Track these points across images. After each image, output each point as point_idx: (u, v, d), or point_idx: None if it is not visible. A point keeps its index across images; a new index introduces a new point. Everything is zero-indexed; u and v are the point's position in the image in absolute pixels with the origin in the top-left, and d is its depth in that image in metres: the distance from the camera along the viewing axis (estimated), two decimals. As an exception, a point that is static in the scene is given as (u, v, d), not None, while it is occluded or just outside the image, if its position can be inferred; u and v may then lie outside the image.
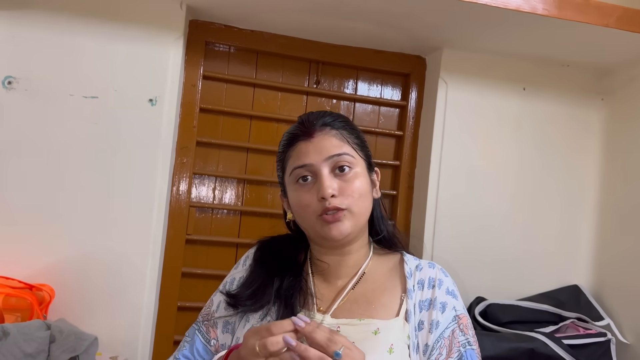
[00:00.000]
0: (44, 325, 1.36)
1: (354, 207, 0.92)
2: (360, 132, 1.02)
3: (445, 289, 0.95)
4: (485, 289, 1.84)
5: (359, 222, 0.94)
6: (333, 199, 0.90)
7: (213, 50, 1.87)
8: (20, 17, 1.58)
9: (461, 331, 0.92)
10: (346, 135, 0.95)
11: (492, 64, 1.90)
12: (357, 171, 0.94)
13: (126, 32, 1.64)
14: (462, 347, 0.90)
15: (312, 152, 0.93)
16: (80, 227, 1.59)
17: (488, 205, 1.89)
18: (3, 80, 1.57)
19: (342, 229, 0.91)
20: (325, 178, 0.91)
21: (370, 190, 0.97)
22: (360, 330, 0.90)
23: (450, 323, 0.92)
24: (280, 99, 1.94)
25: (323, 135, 0.94)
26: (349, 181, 0.92)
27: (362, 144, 0.99)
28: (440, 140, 1.88)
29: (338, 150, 0.93)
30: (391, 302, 0.95)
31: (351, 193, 0.92)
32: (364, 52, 1.95)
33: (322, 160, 0.92)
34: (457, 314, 0.93)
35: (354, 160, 0.94)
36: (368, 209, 0.96)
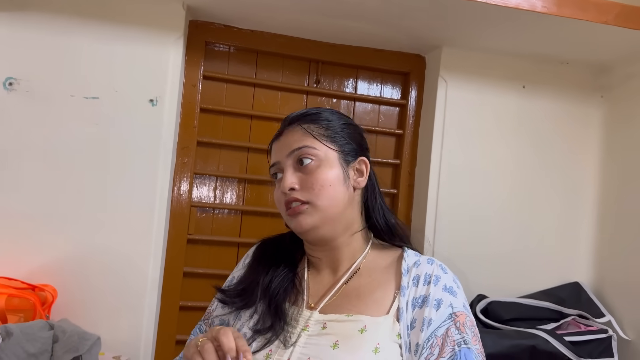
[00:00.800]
0: (47, 326, 1.36)
1: (316, 200, 0.91)
2: (342, 122, 0.99)
3: (442, 286, 0.90)
4: (486, 287, 1.84)
5: (327, 215, 0.92)
6: (293, 192, 0.92)
7: (213, 50, 1.88)
8: (21, 18, 1.59)
9: (457, 329, 0.85)
10: (313, 128, 0.95)
11: (491, 62, 1.90)
12: (321, 163, 0.93)
13: (126, 33, 1.64)
14: (456, 346, 0.84)
15: (278, 150, 0.97)
16: (82, 227, 1.60)
17: (488, 203, 1.90)
18: (4, 81, 1.58)
19: (303, 222, 0.92)
20: (286, 173, 0.93)
21: (341, 180, 0.94)
22: (346, 327, 0.88)
23: (445, 321, 0.86)
24: (280, 99, 1.95)
25: (288, 132, 0.96)
26: (309, 173, 0.92)
27: (334, 134, 0.96)
28: (440, 138, 1.88)
29: (298, 144, 0.94)
30: (383, 298, 0.91)
31: (311, 185, 0.91)
32: (363, 51, 1.96)
33: (285, 156, 0.95)
34: (453, 311, 0.87)
35: (317, 151, 0.93)
36: (337, 199, 0.93)
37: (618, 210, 1.89)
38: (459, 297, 0.90)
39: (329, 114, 0.99)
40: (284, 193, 0.93)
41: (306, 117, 0.97)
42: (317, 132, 0.95)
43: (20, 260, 1.56)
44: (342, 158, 0.95)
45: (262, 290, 0.97)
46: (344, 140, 0.97)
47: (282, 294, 0.97)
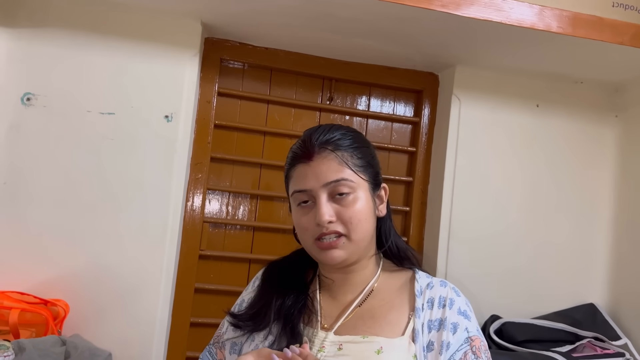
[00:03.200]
0: (59, 341, 1.36)
1: (352, 234, 0.90)
2: (368, 148, 0.98)
3: (457, 309, 0.91)
4: (500, 307, 1.82)
5: (358, 248, 0.92)
6: (330, 225, 0.90)
7: (228, 67, 1.89)
8: (39, 34, 1.61)
9: (474, 354, 0.87)
10: (347, 157, 0.92)
11: (505, 80, 1.90)
12: (358, 195, 0.91)
13: (143, 50, 1.66)
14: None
15: (310, 177, 0.91)
16: (95, 242, 1.60)
17: (502, 222, 1.88)
18: (22, 96, 1.60)
19: (336, 256, 0.91)
20: (323, 205, 0.90)
21: (372, 212, 0.94)
22: (363, 348, 0.88)
23: (462, 345, 0.88)
24: (293, 115, 1.95)
25: (322, 158, 0.91)
26: (347, 207, 0.90)
27: (366, 164, 0.95)
28: (453, 156, 1.87)
29: (336, 176, 0.90)
30: (398, 320, 0.91)
31: (349, 219, 0.90)
32: (376, 68, 1.97)
33: (320, 187, 0.90)
34: (469, 335, 0.89)
35: (354, 184, 0.91)
36: (369, 231, 0.94)
37: (633, 230, 1.86)
38: (473, 321, 0.92)
39: (355, 138, 0.96)
40: (319, 225, 0.90)
41: (336, 143, 0.93)
42: (352, 163, 0.92)
43: (33, 274, 1.56)
44: (370, 188, 0.95)
45: (275, 312, 0.96)
46: (372, 169, 0.96)
47: (297, 314, 0.96)
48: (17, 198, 1.57)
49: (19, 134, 1.59)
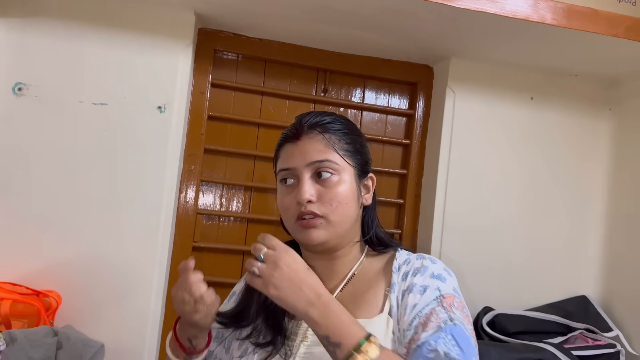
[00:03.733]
0: (51, 332, 1.36)
1: (331, 216, 0.91)
2: (358, 136, 0.99)
3: (430, 274, 0.89)
4: (493, 299, 1.83)
5: (338, 230, 0.92)
6: (310, 204, 0.90)
7: (221, 58, 1.88)
8: (32, 24, 1.60)
9: (444, 308, 0.83)
10: (335, 140, 0.93)
11: (500, 73, 1.90)
12: (341, 178, 0.92)
13: (136, 40, 1.65)
14: (442, 323, 0.81)
15: (296, 156, 0.93)
16: (87, 233, 1.59)
17: (496, 214, 1.89)
18: (13, 86, 1.58)
19: (315, 235, 0.91)
20: (305, 183, 0.91)
21: (355, 197, 0.94)
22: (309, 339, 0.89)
23: (431, 302, 0.84)
24: (287, 107, 1.95)
25: (309, 138, 0.93)
26: (329, 188, 0.91)
27: (354, 150, 0.96)
28: (447, 149, 1.87)
29: (321, 157, 0.91)
30: (375, 298, 0.91)
31: (329, 200, 0.90)
32: (371, 60, 1.96)
33: (304, 165, 0.92)
34: (441, 293, 0.86)
35: (339, 167, 0.92)
36: (350, 216, 0.93)
37: (627, 223, 1.87)
38: (449, 282, 0.89)
39: (346, 124, 0.97)
40: (300, 204, 0.91)
41: (325, 126, 0.94)
42: (338, 146, 0.93)
43: (25, 265, 1.56)
44: (357, 175, 0.95)
45: (257, 307, 0.97)
46: (359, 155, 0.97)
47: (280, 308, 0.92)
48: (9, 189, 1.56)
49: (10, 124, 1.58)
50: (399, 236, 1.98)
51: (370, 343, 0.75)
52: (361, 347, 0.74)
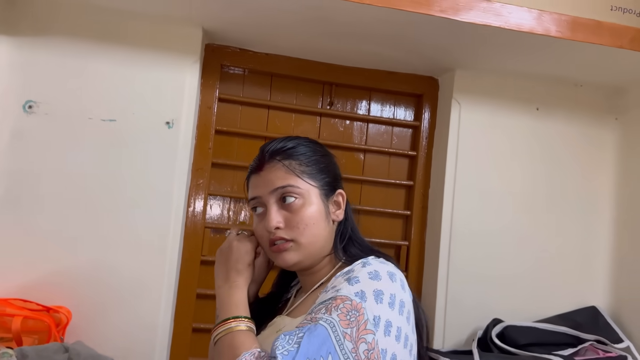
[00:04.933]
0: (62, 348, 1.36)
1: (300, 238, 0.94)
2: (322, 156, 1.00)
3: (347, 277, 0.86)
4: (501, 311, 1.82)
5: (310, 250, 0.95)
6: (278, 231, 0.94)
7: (228, 73, 1.90)
8: (41, 42, 1.62)
9: (326, 310, 0.80)
10: (294, 165, 0.96)
11: (505, 84, 1.91)
12: (306, 201, 0.94)
13: (144, 57, 1.67)
14: (311, 322, 0.79)
15: (259, 185, 0.97)
16: (96, 249, 1.60)
17: (503, 225, 1.89)
18: (24, 104, 1.61)
19: (287, 258, 0.94)
20: (271, 211, 0.94)
21: (324, 216, 0.96)
22: (271, 330, 0.95)
23: (324, 302, 0.83)
24: (294, 120, 1.96)
25: (270, 167, 0.96)
26: (295, 212, 0.94)
27: (316, 171, 0.97)
28: (454, 160, 1.88)
29: (282, 183, 0.94)
30: (311, 301, 0.93)
31: (296, 224, 0.93)
32: (376, 73, 1.97)
33: (268, 193, 0.95)
34: (336, 294, 0.82)
35: (302, 190, 0.95)
36: (319, 235, 0.95)
37: (635, 231, 1.87)
38: (357, 286, 0.82)
39: (307, 147, 0.99)
40: (268, 231, 0.94)
41: (285, 152, 0.97)
42: (298, 170, 0.96)
43: (35, 281, 1.57)
44: (322, 194, 0.97)
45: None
46: (323, 175, 0.98)
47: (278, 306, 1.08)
48: (19, 205, 1.58)
49: (21, 141, 1.60)
50: (406, 248, 1.98)
51: (238, 321, 0.89)
52: (228, 320, 0.89)
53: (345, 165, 1.98)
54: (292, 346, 0.75)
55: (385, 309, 0.80)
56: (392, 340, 0.79)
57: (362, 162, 2.00)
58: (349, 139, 1.99)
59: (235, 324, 0.88)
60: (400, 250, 1.98)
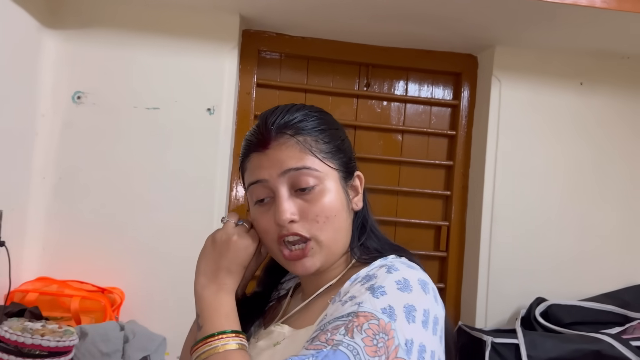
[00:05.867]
0: (117, 327, 1.44)
1: (320, 235, 0.74)
2: (336, 129, 0.81)
3: (369, 285, 0.68)
4: (545, 290, 1.80)
5: (331, 251, 0.76)
6: (292, 225, 0.74)
7: (265, 58, 1.92)
8: (86, 35, 1.68)
9: (346, 329, 0.62)
10: (310, 142, 0.76)
11: (547, 59, 1.86)
12: (325, 187, 0.75)
13: (184, 45, 1.71)
14: (327, 345, 0.61)
15: (266, 166, 0.75)
16: (145, 233, 1.67)
17: (547, 203, 1.86)
18: (73, 95, 1.67)
19: (308, 266, 0.75)
20: (283, 200, 0.74)
21: (345, 206, 0.78)
22: (267, 342, 0.77)
23: (341, 317, 0.64)
24: (331, 103, 1.97)
25: (279, 145, 0.75)
26: (313, 201, 0.74)
27: (335, 149, 0.78)
28: (495, 138, 1.85)
29: (296, 163, 0.74)
30: (317, 308, 0.76)
31: (315, 217, 0.74)
32: (414, 53, 1.95)
33: (278, 175, 0.74)
34: (358, 310, 0.64)
35: (320, 173, 0.75)
36: (341, 229, 0.77)
37: (686, 209, 1.80)
38: (383, 300, 0.65)
39: (320, 119, 0.79)
40: (280, 225, 0.74)
41: (297, 126, 0.76)
42: (316, 148, 0.75)
43: (90, 264, 1.65)
44: (342, 178, 0.78)
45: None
46: (341, 154, 0.79)
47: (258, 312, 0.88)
48: (72, 193, 1.66)
49: (71, 131, 1.67)
50: (446, 228, 1.97)
51: (228, 337, 0.71)
52: (214, 337, 0.71)
53: (383, 146, 1.98)
54: None
55: (419, 330, 0.64)
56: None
57: (401, 143, 2.00)
58: (386, 120, 1.99)
59: (224, 341, 0.70)
60: (441, 230, 1.98)
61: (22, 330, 1.25)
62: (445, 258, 1.97)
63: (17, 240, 1.51)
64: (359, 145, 1.96)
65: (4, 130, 1.47)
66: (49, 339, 1.24)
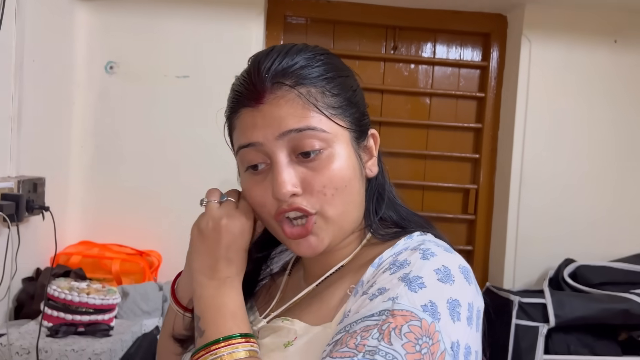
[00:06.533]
0: (157, 287, 1.51)
1: (328, 210, 0.61)
2: (347, 77, 0.65)
3: (402, 274, 0.56)
4: (574, 251, 1.80)
5: (340, 227, 0.63)
6: (294, 198, 0.60)
7: (291, 23, 1.92)
8: (116, 5, 1.71)
9: (380, 332, 0.52)
10: (316, 94, 0.60)
11: (579, 17, 1.81)
12: (333, 151, 0.61)
13: (212, 13, 1.72)
14: (358, 353, 0.51)
15: (260, 126, 0.61)
16: (179, 198, 1.72)
17: (577, 164, 1.84)
18: (106, 65, 1.72)
19: (314, 245, 0.62)
20: (282, 169, 0.60)
21: (357, 173, 0.63)
22: (275, 340, 0.62)
23: (372, 316, 0.53)
24: (357, 67, 1.94)
25: (278, 99, 0.60)
26: (319, 170, 0.60)
27: (346, 102, 0.63)
28: (524, 100, 1.83)
29: (300, 124, 0.59)
30: (332, 299, 0.62)
31: (322, 188, 0.60)
32: (441, 14, 1.92)
33: (275, 138, 0.60)
34: (393, 307, 0.53)
35: (328, 135, 0.60)
36: (353, 202, 0.63)
37: None
38: (423, 295, 0.54)
39: (332, 65, 0.63)
40: (280, 200, 0.60)
41: (301, 73, 0.60)
42: (323, 103, 0.60)
43: (129, 229, 1.72)
44: (354, 139, 0.64)
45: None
46: (354, 109, 0.64)
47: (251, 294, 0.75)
48: (108, 160, 1.72)
49: (105, 100, 1.72)
50: (475, 191, 1.97)
51: (236, 343, 0.58)
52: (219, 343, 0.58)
53: (411, 110, 1.98)
54: None
55: (464, 329, 0.55)
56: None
57: (429, 107, 1.99)
58: (414, 84, 1.98)
59: (231, 349, 0.58)
60: (469, 193, 1.98)
61: (69, 289, 1.33)
62: (473, 221, 1.99)
63: (60, 206, 1.58)
64: (386, 109, 1.96)
65: (44, 101, 1.53)
66: (94, 297, 1.31)
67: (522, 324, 1.56)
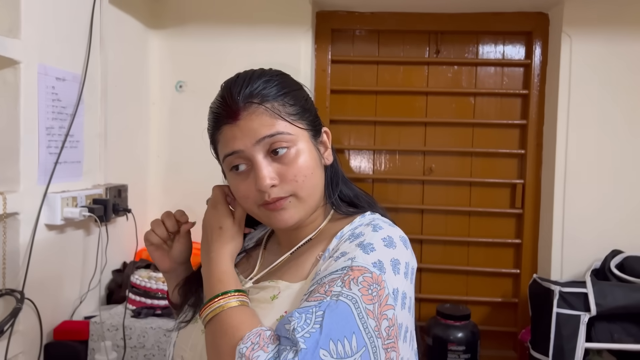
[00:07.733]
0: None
1: (299, 192, 0.79)
2: (299, 90, 0.84)
3: (358, 242, 0.75)
4: (622, 243, 1.81)
5: (309, 204, 0.81)
6: (273, 190, 0.78)
7: (338, 36, 2.08)
8: (181, 31, 1.96)
9: (342, 282, 0.69)
10: (278, 107, 0.78)
11: (619, 9, 1.82)
12: (299, 148, 0.79)
13: (265, 32, 1.92)
14: (326, 296, 0.68)
15: (239, 137, 0.78)
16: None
17: (622, 157, 1.84)
18: (175, 84, 1.96)
19: (287, 217, 0.80)
20: (262, 167, 0.77)
21: (318, 163, 0.82)
22: (262, 295, 0.80)
23: (337, 271, 0.71)
24: (402, 72, 2.08)
25: (249, 114, 0.77)
26: (290, 164, 0.78)
27: (301, 110, 0.81)
28: (566, 95, 1.86)
29: (269, 130, 0.77)
30: (306, 263, 0.81)
31: (294, 177, 0.78)
32: (482, 16, 2.00)
33: (253, 145, 0.77)
34: (352, 264, 0.71)
35: (292, 136, 0.78)
36: (318, 185, 0.82)
37: None
38: (373, 255, 0.73)
39: (281, 82, 0.82)
40: (262, 191, 0.78)
41: (264, 92, 0.78)
42: (284, 112, 0.79)
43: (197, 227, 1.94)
44: (312, 137, 0.83)
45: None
46: (308, 114, 0.83)
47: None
48: (181, 167, 1.97)
49: (177, 115, 1.97)
50: (522, 186, 2.02)
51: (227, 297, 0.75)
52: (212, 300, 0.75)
53: (456, 109, 2.06)
54: (313, 327, 0.65)
55: (401, 280, 0.74)
56: (406, 313, 0.74)
57: (473, 106, 2.06)
58: (457, 85, 2.06)
59: (223, 302, 0.74)
60: (516, 188, 2.04)
61: (148, 278, 1.57)
62: (521, 215, 2.04)
63: (140, 208, 1.84)
64: (431, 110, 2.06)
65: (125, 119, 1.80)
66: (168, 285, 1.54)
67: (563, 313, 1.60)
